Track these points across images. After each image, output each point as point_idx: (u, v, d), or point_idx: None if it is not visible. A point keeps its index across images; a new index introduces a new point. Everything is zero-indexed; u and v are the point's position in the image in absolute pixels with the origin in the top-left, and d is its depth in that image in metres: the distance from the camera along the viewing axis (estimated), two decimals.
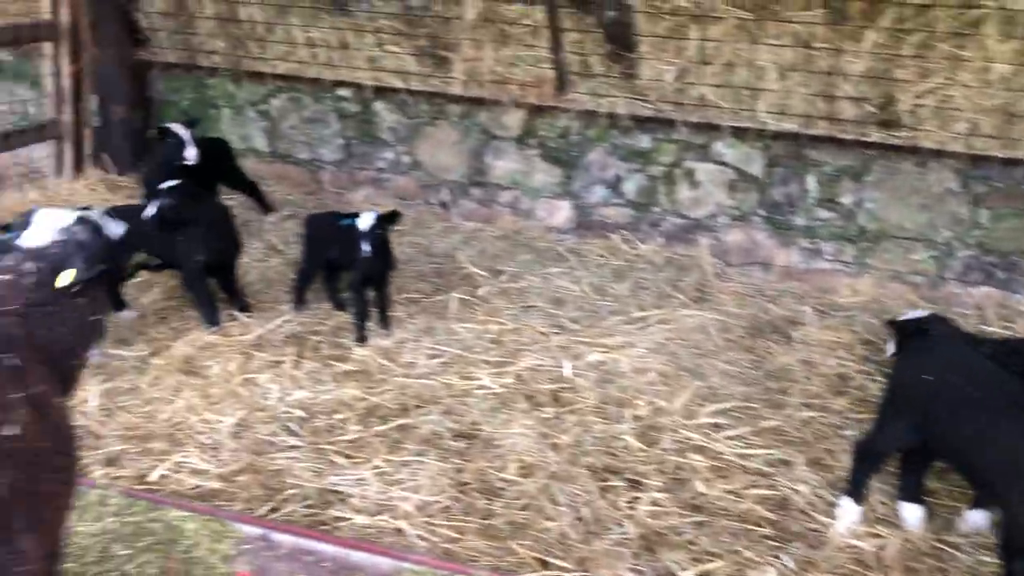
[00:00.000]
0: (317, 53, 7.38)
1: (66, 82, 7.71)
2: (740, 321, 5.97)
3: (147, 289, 6.02)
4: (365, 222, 5.37)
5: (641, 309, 6.13)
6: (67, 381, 2.98)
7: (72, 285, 2.86)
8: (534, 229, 7.42)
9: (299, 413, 4.75)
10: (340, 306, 5.95)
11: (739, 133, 6.56)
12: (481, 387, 5.10)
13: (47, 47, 7.66)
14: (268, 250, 6.86)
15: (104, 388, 4.90)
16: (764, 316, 6.14)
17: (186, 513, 3.59)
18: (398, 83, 7.21)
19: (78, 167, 7.96)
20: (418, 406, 4.94)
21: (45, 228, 2.96)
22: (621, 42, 6.62)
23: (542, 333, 5.77)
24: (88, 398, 4.75)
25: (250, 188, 7.39)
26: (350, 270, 5.70)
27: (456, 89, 7.06)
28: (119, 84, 7.98)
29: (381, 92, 7.46)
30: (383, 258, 5.56)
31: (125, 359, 5.23)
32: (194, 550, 3.55)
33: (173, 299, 5.95)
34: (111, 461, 4.36)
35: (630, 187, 7.14)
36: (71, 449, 2.80)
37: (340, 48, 7.26)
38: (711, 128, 6.61)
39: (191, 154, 6.31)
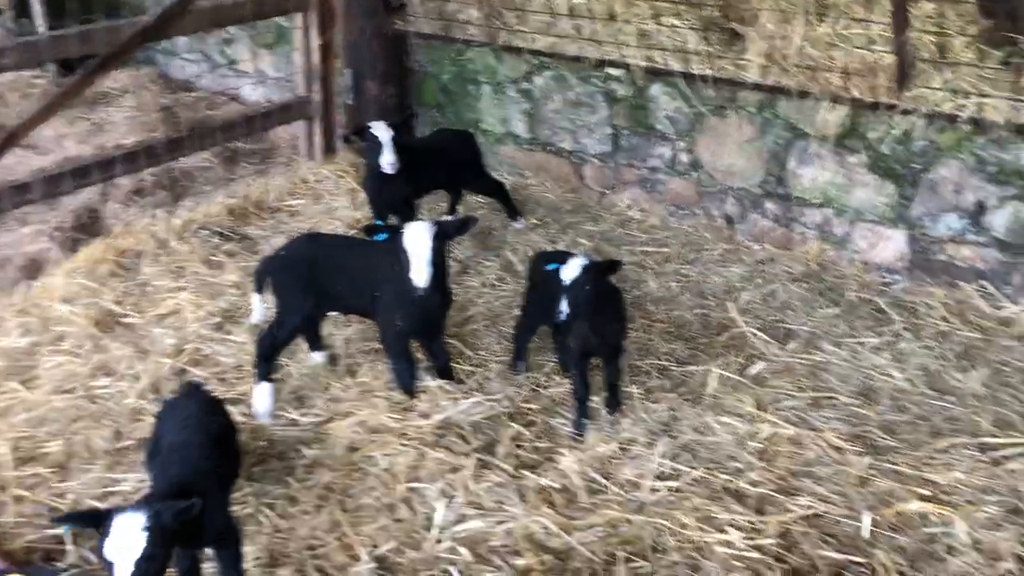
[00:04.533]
0: (581, 25, 5.89)
1: (315, 57, 6.96)
2: None
3: (346, 323, 5.06)
4: (570, 272, 3.89)
5: (1000, 427, 4.11)
6: None
7: None
8: (848, 266, 5.48)
9: (465, 554, 3.48)
10: (566, 368, 4.60)
11: None
12: (726, 543, 3.51)
13: (297, 19, 6.93)
14: (503, 270, 5.63)
15: (259, 470, 3.97)
16: None
17: None
18: (675, 65, 5.53)
19: (329, 149, 7.26)
20: (630, 560, 3.48)
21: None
22: (1008, 18, 4.39)
23: (837, 449, 4.00)
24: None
25: (495, 190, 6.18)
26: (565, 333, 4.30)
27: (751, 75, 5.25)
28: (372, 57, 7.09)
29: (658, 73, 5.83)
30: (603, 322, 4.06)
31: (298, 426, 4.29)
32: None
33: (374, 338, 4.93)
34: None
35: (999, 220, 4.95)
36: None
37: (607, 20, 5.70)
38: None
39: (388, 162, 5.20)
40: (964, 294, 5.07)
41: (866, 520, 3.57)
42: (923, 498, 3.69)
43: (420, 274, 3.92)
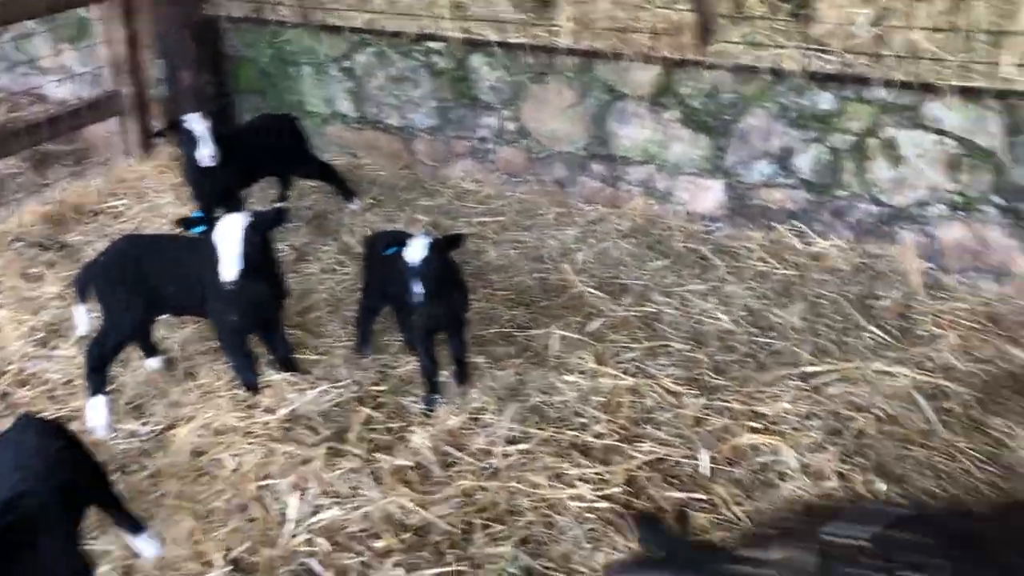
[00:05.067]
0: (396, 0, 5.85)
1: (122, 49, 6.61)
2: (966, 386, 4.15)
3: (180, 324, 4.88)
4: (415, 254, 3.90)
5: (818, 355, 4.42)
6: None
7: None
8: (673, 218, 5.73)
9: (323, 544, 3.47)
10: (413, 346, 4.61)
11: (967, 93, 4.54)
12: (576, 497, 3.65)
13: (95, 9, 6.55)
14: (341, 254, 5.57)
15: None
16: (1003, 367, 4.27)
17: None
18: (492, 35, 5.59)
19: (147, 145, 6.93)
20: (487, 526, 3.56)
21: None
22: None
23: (673, 394, 4.21)
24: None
25: (324, 172, 6.08)
26: (408, 314, 4.31)
27: (565, 41, 5.37)
28: (183, 45, 6.79)
29: (476, 44, 5.87)
30: (447, 298, 4.10)
31: (138, 437, 4.13)
32: None
33: (211, 337, 4.78)
34: None
35: (804, 162, 5.29)
36: None
37: None
38: (925, 88, 4.63)
39: (206, 155, 5.04)
40: (779, 235, 5.41)
41: (704, 458, 3.79)
42: (754, 430, 3.94)
43: (228, 267, 3.82)
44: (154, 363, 4.56)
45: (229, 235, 3.83)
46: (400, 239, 4.03)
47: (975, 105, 4.60)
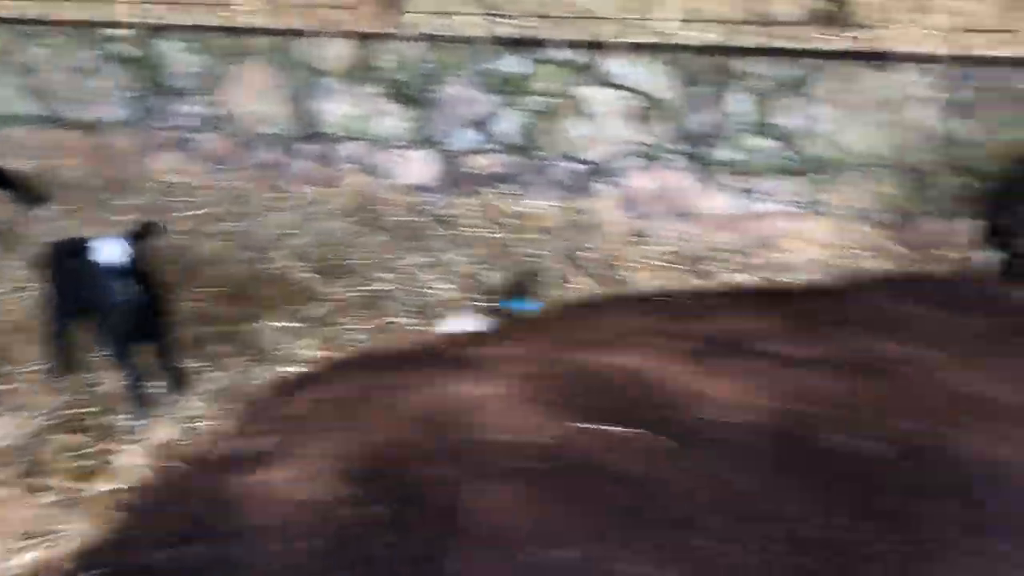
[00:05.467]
0: None
1: None
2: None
3: None
4: (107, 253, 3.59)
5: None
6: None
7: None
8: (388, 193, 5.71)
9: None
10: (117, 359, 4.27)
11: (639, 49, 4.84)
12: None
13: None
14: (31, 269, 5.05)
15: None
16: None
17: None
18: (177, 18, 5.26)
19: None
20: None
21: None
22: None
23: None
24: None
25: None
26: (106, 321, 3.98)
27: (256, 20, 5.15)
28: None
29: (161, 28, 5.50)
30: (145, 300, 3.81)
31: None
32: None
33: None
34: None
35: (504, 127, 5.42)
36: None
37: None
38: (601, 46, 4.87)
39: None
40: (489, 199, 5.54)
41: None
42: None
43: None
44: None
45: None
46: (85, 242, 3.71)
47: (649, 60, 4.92)
